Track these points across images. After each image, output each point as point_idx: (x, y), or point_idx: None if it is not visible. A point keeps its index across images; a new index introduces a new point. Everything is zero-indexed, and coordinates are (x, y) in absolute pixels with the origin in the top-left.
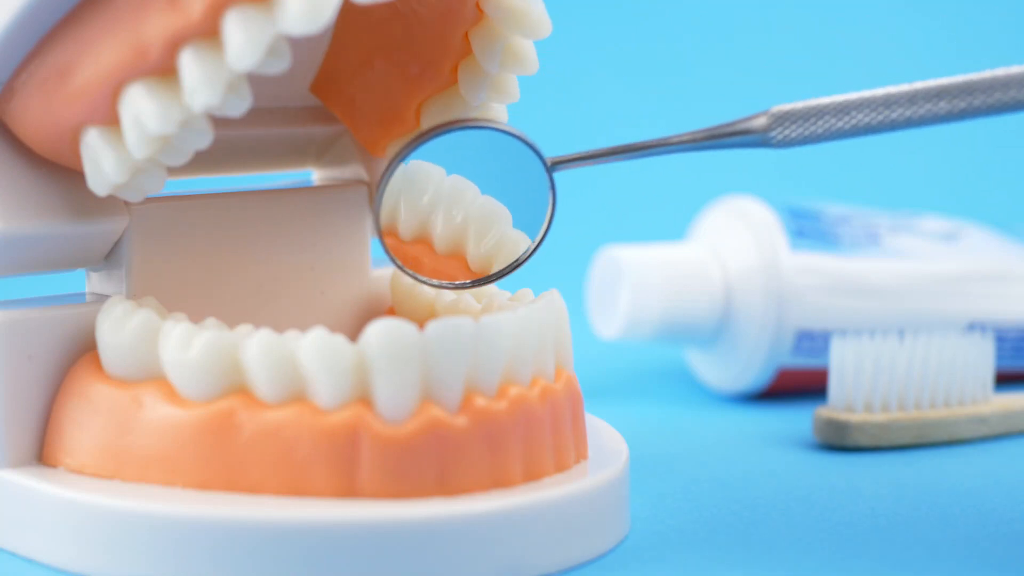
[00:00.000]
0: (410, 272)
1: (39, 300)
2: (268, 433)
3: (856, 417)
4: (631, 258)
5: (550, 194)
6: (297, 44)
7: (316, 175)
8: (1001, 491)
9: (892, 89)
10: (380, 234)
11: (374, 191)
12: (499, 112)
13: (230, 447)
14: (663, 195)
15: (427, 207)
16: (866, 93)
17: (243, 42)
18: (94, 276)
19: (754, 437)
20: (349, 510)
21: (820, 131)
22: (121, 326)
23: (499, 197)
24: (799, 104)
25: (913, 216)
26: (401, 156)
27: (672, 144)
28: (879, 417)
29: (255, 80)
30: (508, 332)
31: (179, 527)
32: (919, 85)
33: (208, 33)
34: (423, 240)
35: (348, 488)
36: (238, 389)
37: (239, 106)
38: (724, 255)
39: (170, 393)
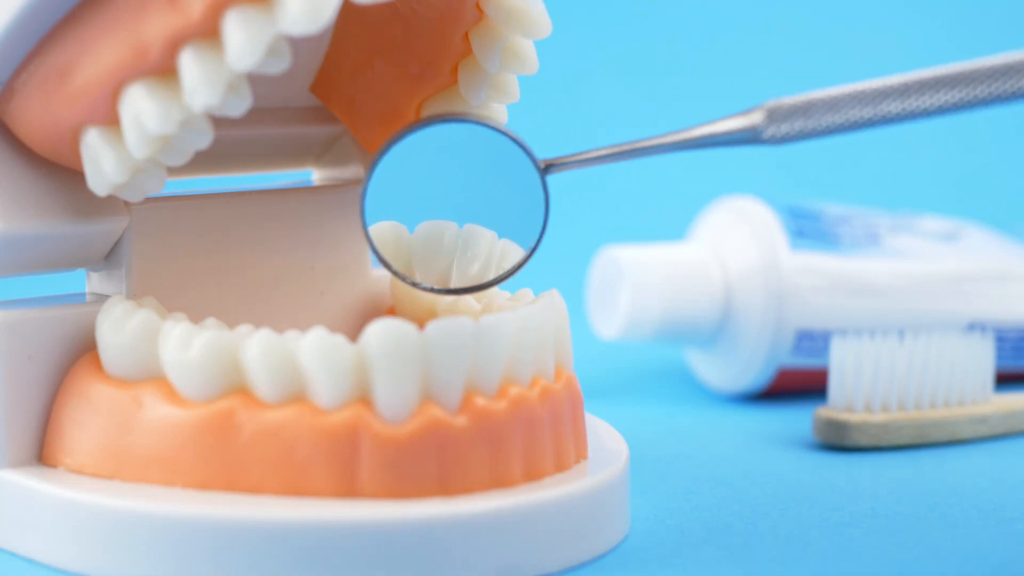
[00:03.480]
0: (398, 272)
1: (39, 300)
2: (268, 433)
3: (856, 417)
4: (631, 258)
5: (543, 199)
6: (297, 44)
7: (316, 175)
8: (1001, 491)
9: (886, 80)
10: (366, 228)
11: None
12: (499, 112)
13: (230, 447)
14: (663, 195)
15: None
16: (859, 85)
17: (243, 42)
18: (94, 276)
19: (754, 437)
20: (349, 510)
21: (813, 127)
22: (121, 326)
23: (490, 198)
24: (791, 99)
25: (913, 216)
26: (390, 144)
27: (665, 144)
28: (879, 417)
29: (255, 80)
30: (508, 332)
31: (179, 527)
32: (913, 75)
33: (208, 33)
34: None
35: (348, 488)
36: (238, 389)
37: (239, 106)
38: (724, 255)
39: (170, 393)
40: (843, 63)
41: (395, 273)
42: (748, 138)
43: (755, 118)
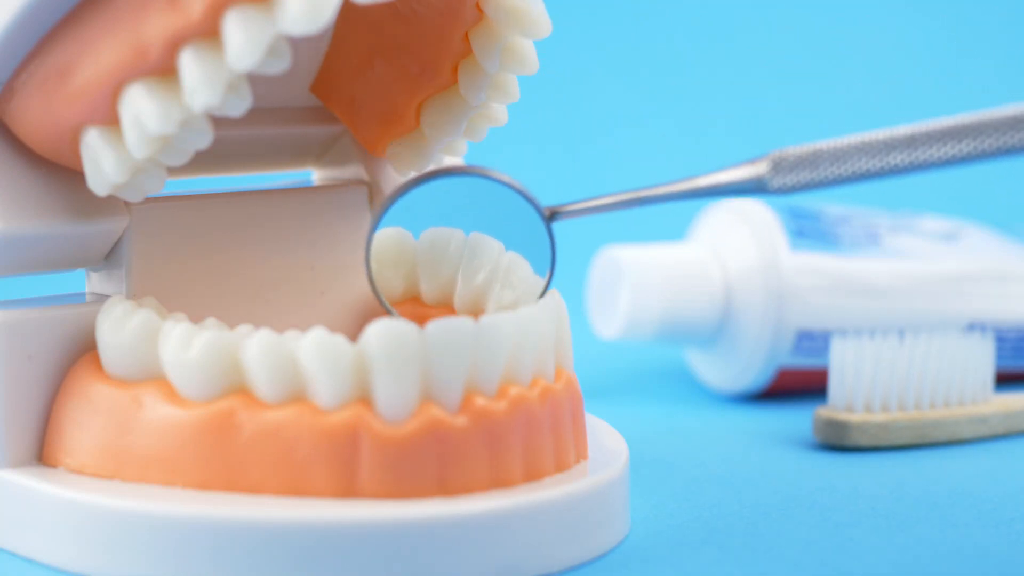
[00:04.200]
0: (385, 303)
1: (39, 300)
2: (268, 433)
3: (856, 417)
4: (631, 258)
5: (550, 246)
6: (297, 44)
7: (316, 175)
8: (1001, 491)
9: (893, 132)
10: (370, 272)
11: (374, 193)
12: (499, 112)
13: (230, 447)
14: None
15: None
16: (865, 136)
17: (243, 42)
18: (94, 276)
19: (754, 437)
20: (349, 510)
21: (819, 178)
22: (121, 326)
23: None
24: (796, 149)
25: (913, 216)
26: (391, 201)
27: (671, 193)
28: (879, 417)
29: (255, 80)
30: (508, 332)
31: (179, 527)
32: (921, 126)
33: (208, 33)
34: (446, 304)
35: (348, 488)
36: (238, 389)
37: (239, 106)
38: (724, 255)
39: (170, 393)
40: (845, 63)
41: (389, 311)
42: (754, 188)
43: (761, 169)
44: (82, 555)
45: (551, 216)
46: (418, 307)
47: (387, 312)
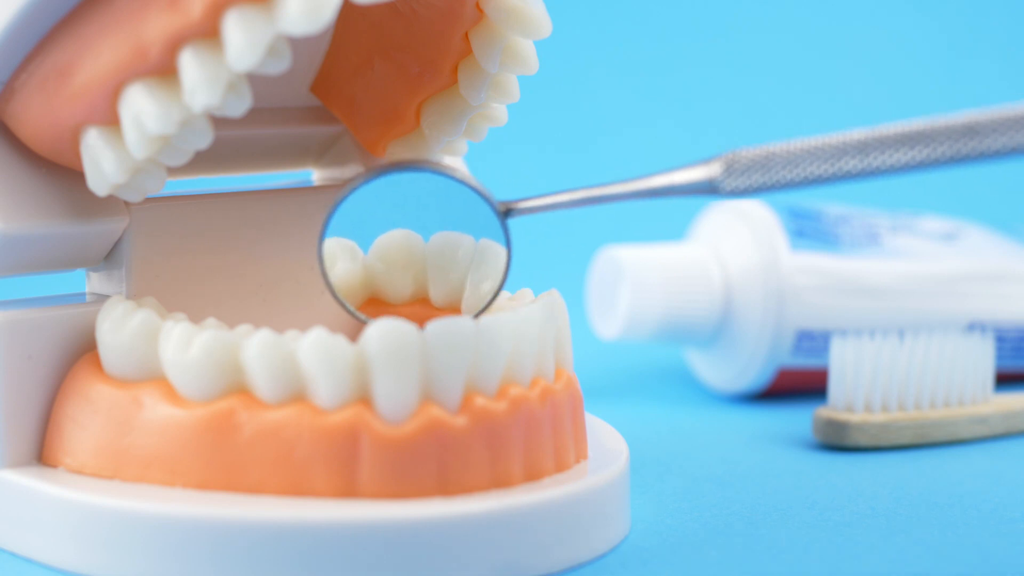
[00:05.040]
0: (352, 311)
1: (39, 300)
2: (268, 433)
3: (856, 417)
4: (631, 258)
5: (505, 242)
6: (297, 44)
7: (316, 175)
8: (1001, 491)
9: (846, 136)
10: (323, 264)
11: None
12: (499, 112)
13: (230, 447)
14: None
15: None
16: (818, 140)
17: (243, 42)
18: (94, 276)
19: (754, 437)
20: (349, 510)
21: (771, 181)
22: (121, 326)
23: (412, 235)
24: (749, 151)
25: (913, 216)
26: (345, 194)
27: (624, 193)
28: (879, 417)
29: (255, 80)
30: (508, 332)
31: (179, 527)
32: (874, 131)
33: (208, 33)
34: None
35: (348, 488)
36: (238, 389)
37: (239, 106)
38: (724, 255)
39: (170, 393)
40: (840, 61)
41: (350, 312)
42: (706, 189)
43: (713, 170)
44: (82, 555)
45: (506, 212)
46: (427, 309)
47: (346, 310)
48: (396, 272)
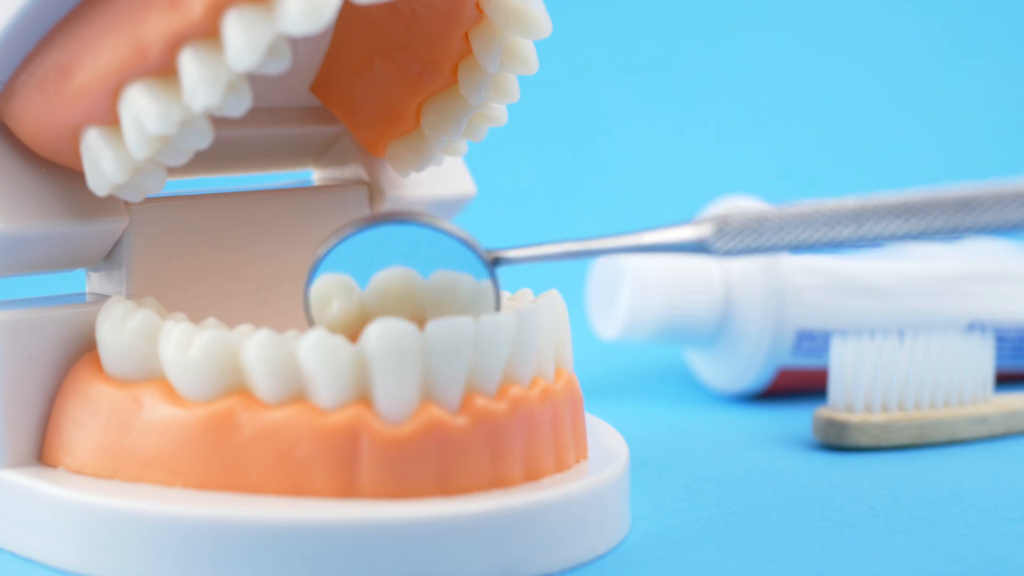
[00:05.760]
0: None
1: (39, 300)
2: (268, 433)
3: (856, 417)
4: (631, 258)
5: (494, 290)
6: (297, 44)
7: (316, 175)
8: (1001, 491)
9: (840, 203)
10: (308, 310)
11: (373, 193)
12: (499, 112)
13: (230, 447)
14: (663, 195)
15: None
16: (812, 206)
17: (243, 42)
18: (94, 276)
19: (754, 437)
20: (349, 510)
21: (762, 245)
22: (121, 326)
23: (409, 271)
24: (741, 215)
25: None
26: (332, 244)
27: (615, 247)
28: (879, 417)
29: (255, 80)
30: (508, 332)
31: (179, 527)
32: (868, 201)
33: (208, 33)
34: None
35: (348, 488)
36: (238, 389)
37: (239, 106)
38: None
39: (170, 393)
40: (839, 62)
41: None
42: (697, 248)
43: (705, 231)
44: (82, 555)
45: (494, 262)
46: None
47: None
48: (393, 310)
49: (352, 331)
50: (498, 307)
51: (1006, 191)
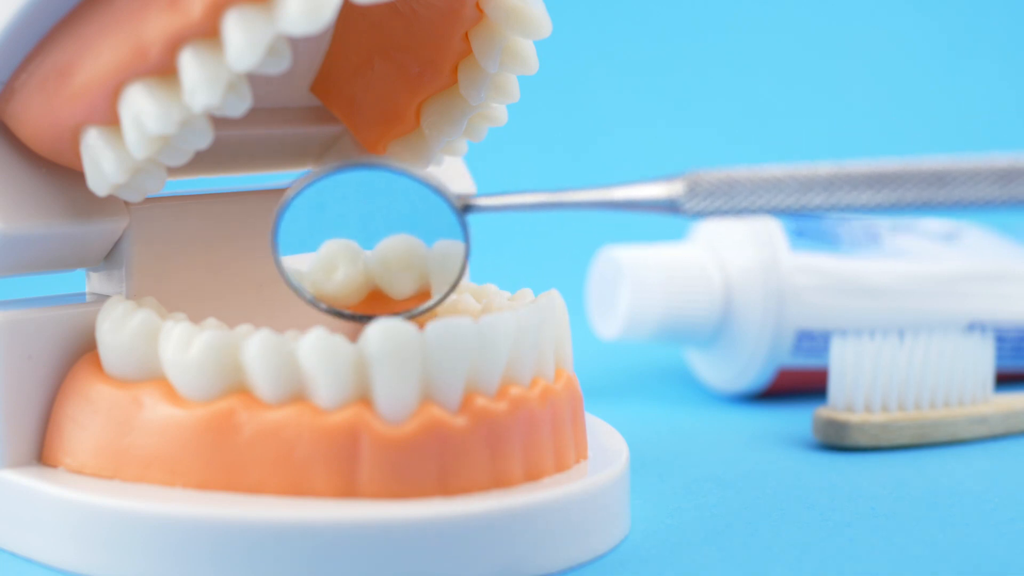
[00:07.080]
0: (308, 298)
1: (39, 300)
2: (268, 433)
3: (856, 417)
4: (631, 258)
5: (464, 238)
6: (297, 44)
7: None
8: (1001, 491)
9: (814, 170)
10: (277, 254)
11: None
12: (499, 112)
13: (230, 447)
14: None
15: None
16: (785, 170)
17: (243, 42)
18: (94, 276)
19: (754, 437)
20: (349, 510)
21: (734, 207)
22: (121, 326)
23: (412, 238)
24: (713, 174)
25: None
26: (299, 190)
27: (586, 202)
28: (879, 417)
29: (255, 80)
30: (508, 332)
31: (179, 527)
32: (842, 169)
33: (208, 33)
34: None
35: (348, 488)
36: (238, 389)
37: (239, 106)
38: (724, 255)
39: (170, 393)
40: (838, 61)
41: (308, 300)
42: (667, 207)
43: (676, 189)
44: (82, 555)
45: (464, 209)
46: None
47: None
48: (397, 274)
49: (354, 298)
50: (467, 256)
51: (981, 167)
